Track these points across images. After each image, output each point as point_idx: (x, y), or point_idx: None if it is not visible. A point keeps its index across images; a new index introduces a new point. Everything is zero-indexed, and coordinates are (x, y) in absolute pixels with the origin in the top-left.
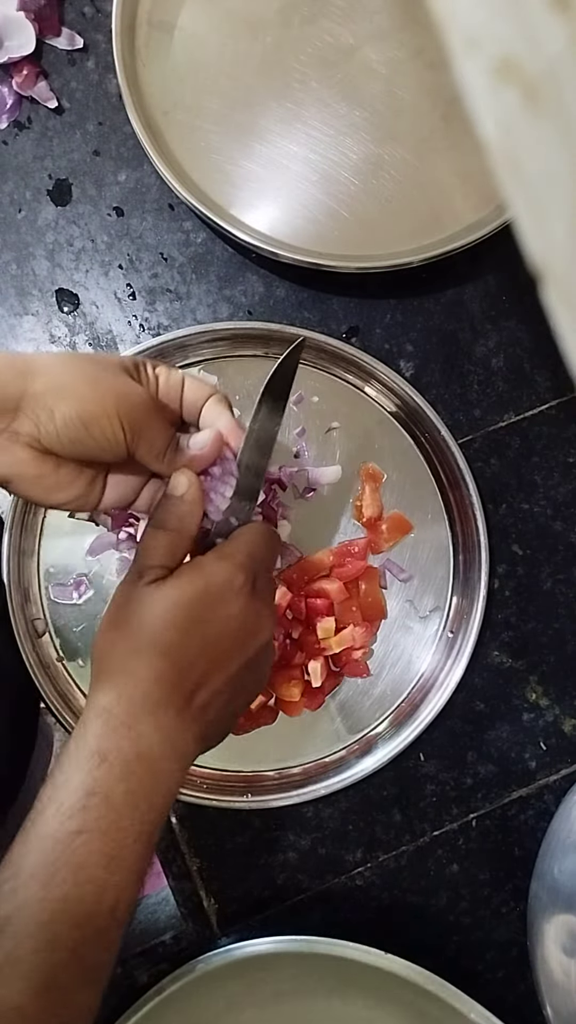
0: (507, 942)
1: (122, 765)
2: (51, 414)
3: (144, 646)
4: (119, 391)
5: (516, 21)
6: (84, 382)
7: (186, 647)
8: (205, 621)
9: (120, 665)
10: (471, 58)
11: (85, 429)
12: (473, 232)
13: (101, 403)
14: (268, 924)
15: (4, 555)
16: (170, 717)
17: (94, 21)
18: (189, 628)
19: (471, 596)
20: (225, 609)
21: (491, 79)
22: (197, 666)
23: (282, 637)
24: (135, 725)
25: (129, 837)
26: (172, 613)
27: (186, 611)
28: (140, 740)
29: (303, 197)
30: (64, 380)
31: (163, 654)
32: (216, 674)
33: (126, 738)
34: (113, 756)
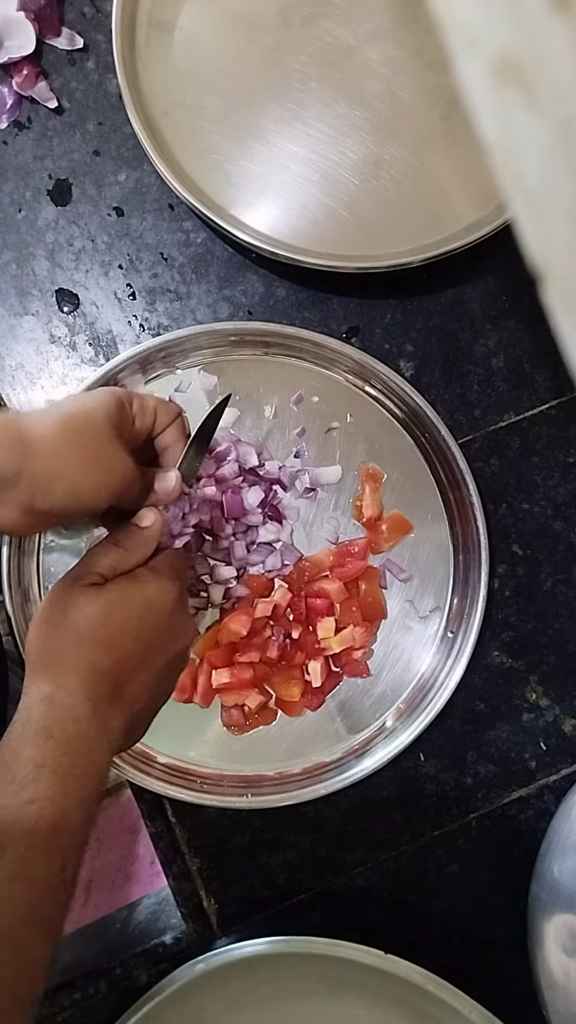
0: (507, 942)
1: (65, 742)
2: (47, 492)
3: (82, 640)
4: (111, 469)
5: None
6: (80, 467)
7: (121, 643)
8: (140, 621)
9: (59, 656)
10: (471, 58)
11: (78, 504)
12: (473, 232)
13: (94, 486)
14: (268, 924)
15: (4, 555)
16: (104, 704)
17: (94, 21)
18: (124, 626)
19: (471, 596)
20: (158, 610)
21: (491, 79)
22: (129, 661)
23: (282, 637)
24: (74, 708)
25: (72, 805)
26: (109, 613)
27: (123, 611)
28: (79, 722)
29: (303, 197)
30: (61, 463)
31: (99, 648)
32: (144, 670)
33: (68, 719)
34: (57, 733)
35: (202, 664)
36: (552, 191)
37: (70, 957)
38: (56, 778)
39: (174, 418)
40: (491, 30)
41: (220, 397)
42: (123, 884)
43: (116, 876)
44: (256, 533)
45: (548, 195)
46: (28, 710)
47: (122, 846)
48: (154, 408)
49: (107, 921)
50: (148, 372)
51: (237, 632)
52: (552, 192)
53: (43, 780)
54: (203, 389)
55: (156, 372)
